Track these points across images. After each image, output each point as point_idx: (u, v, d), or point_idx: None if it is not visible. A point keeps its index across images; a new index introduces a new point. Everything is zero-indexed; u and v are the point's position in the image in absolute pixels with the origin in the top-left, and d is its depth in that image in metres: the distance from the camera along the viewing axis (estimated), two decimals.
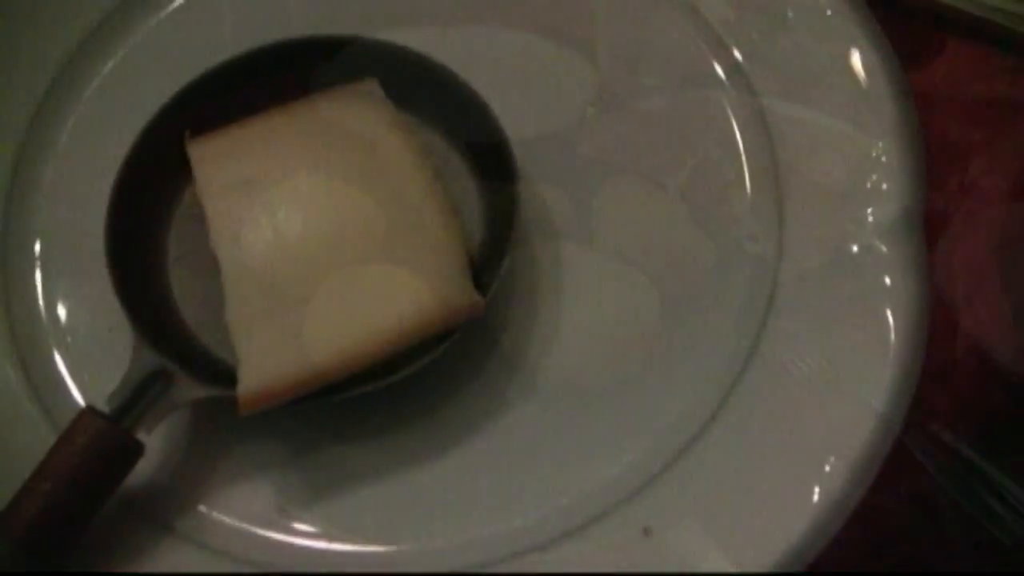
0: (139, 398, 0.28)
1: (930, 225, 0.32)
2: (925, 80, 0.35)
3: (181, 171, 0.31)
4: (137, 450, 0.28)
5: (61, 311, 0.32)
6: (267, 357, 0.28)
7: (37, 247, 0.33)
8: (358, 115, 0.31)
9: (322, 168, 0.30)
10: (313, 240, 0.29)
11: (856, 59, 0.33)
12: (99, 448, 0.27)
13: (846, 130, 0.33)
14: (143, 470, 0.29)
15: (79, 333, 0.32)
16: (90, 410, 0.27)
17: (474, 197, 0.32)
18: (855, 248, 0.31)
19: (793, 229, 0.32)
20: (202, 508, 0.30)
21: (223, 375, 0.29)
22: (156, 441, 0.29)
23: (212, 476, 0.30)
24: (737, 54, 0.34)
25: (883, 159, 0.32)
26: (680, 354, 0.31)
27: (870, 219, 0.31)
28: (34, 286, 0.32)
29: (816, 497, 0.28)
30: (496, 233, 0.30)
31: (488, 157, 0.31)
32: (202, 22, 0.36)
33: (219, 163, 0.30)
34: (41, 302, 0.32)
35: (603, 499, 0.29)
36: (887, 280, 0.30)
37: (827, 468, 0.28)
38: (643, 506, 0.29)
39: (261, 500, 0.30)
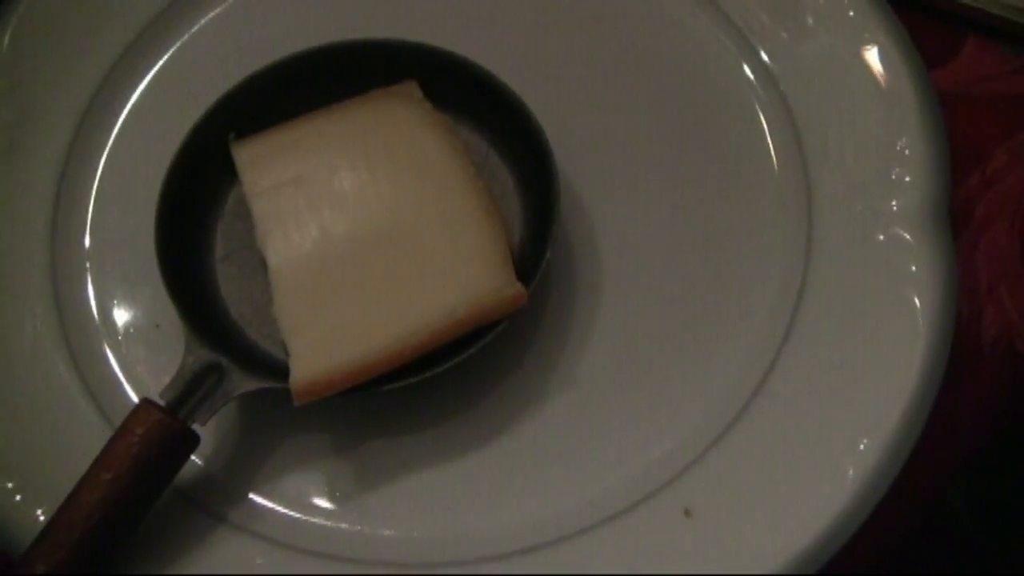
0: (193, 391, 0.28)
1: (954, 218, 0.33)
2: (946, 78, 0.36)
3: (226, 172, 0.32)
4: (193, 440, 0.29)
5: (111, 309, 0.33)
6: (319, 349, 0.28)
7: (87, 245, 0.34)
8: (398, 116, 0.32)
9: (365, 167, 0.31)
10: (359, 235, 0.30)
11: (878, 57, 0.34)
12: (157, 438, 0.28)
13: (871, 125, 0.33)
14: (194, 461, 0.30)
15: (129, 331, 0.33)
16: (147, 402, 0.28)
17: (513, 194, 0.32)
18: (882, 237, 0.32)
19: (822, 220, 0.33)
20: (253, 497, 0.31)
21: (273, 368, 0.30)
22: (208, 432, 0.30)
23: (263, 466, 0.31)
24: (764, 55, 0.35)
25: (907, 152, 0.33)
26: (715, 343, 0.32)
27: (895, 209, 0.32)
28: (84, 284, 0.33)
29: (851, 476, 0.29)
30: (536, 228, 0.31)
31: (527, 156, 0.32)
32: (248, 25, 0.37)
33: (264, 164, 0.31)
34: (92, 301, 0.33)
35: (644, 483, 0.30)
36: (913, 267, 0.31)
37: (861, 447, 0.29)
38: (683, 489, 0.30)
39: (312, 489, 0.31)
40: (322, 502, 0.31)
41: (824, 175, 0.33)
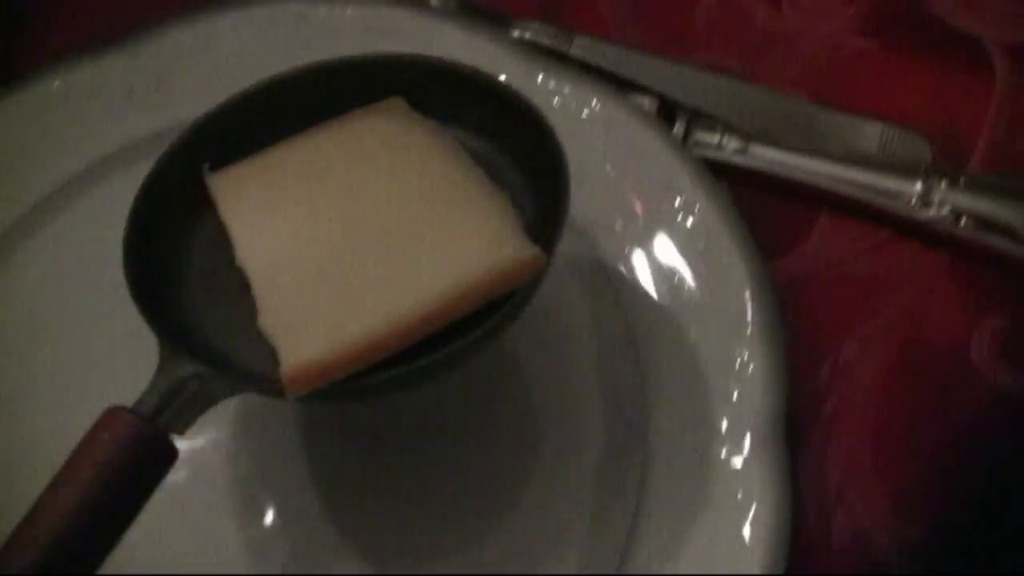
0: (170, 401, 0.26)
1: (801, 417, 0.33)
2: (795, 262, 0.36)
3: (200, 204, 0.30)
4: (171, 450, 0.25)
5: None
6: (310, 334, 0.26)
7: None
8: (383, 127, 0.30)
9: (349, 175, 0.29)
10: (350, 236, 0.28)
11: (720, 260, 0.34)
12: (129, 446, 0.24)
13: (709, 340, 0.33)
14: None
15: None
16: (115, 408, 0.25)
17: (520, 188, 0.30)
18: (717, 456, 0.32)
19: (659, 437, 0.33)
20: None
21: (260, 378, 0.27)
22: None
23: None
24: (602, 257, 0.36)
25: (747, 367, 0.33)
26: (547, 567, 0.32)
27: (731, 428, 0.32)
28: None
29: None
30: (547, 210, 0.29)
31: (530, 148, 0.30)
32: None
33: (240, 190, 0.29)
34: None
35: None
36: (743, 493, 0.31)
37: None
38: None
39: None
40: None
41: (661, 396, 0.33)
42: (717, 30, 0.41)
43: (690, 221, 0.35)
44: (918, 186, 0.36)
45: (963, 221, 0.36)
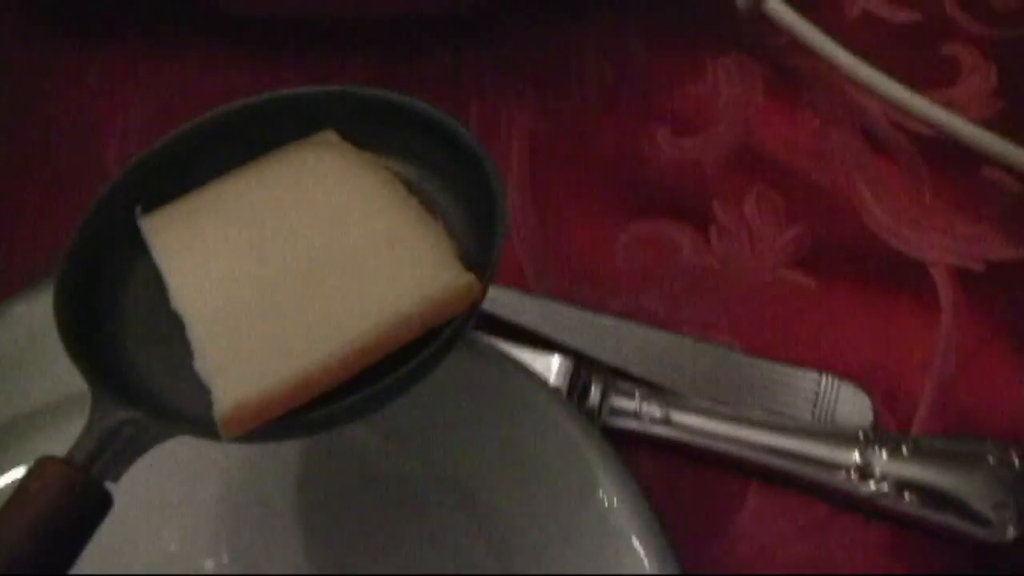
0: (104, 449, 0.25)
1: None
2: (727, 547, 0.33)
3: (135, 247, 0.29)
4: (106, 498, 0.25)
5: None
6: (244, 375, 0.25)
7: None
8: (316, 163, 0.30)
9: (282, 213, 0.29)
10: (284, 273, 0.27)
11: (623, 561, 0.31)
12: (66, 497, 0.24)
13: None
14: None
15: None
16: (47, 458, 0.24)
17: (454, 213, 0.29)
18: None
19: None
20: None
21: (196, 419, 0.26)
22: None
23: None
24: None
25: None
26: None
27: None
28: None
29: None
30: (481, 236, 0.28)
31: (465, 178, 0.29)
32: None
33: (173, 229, 0.29)
34: None
35: None
36: None
37: None
38: None
39: None
40: None
41: None
42: (639, 269, 0.38)
43: (595, 511, 0.32)
44: (857, 456, 0.33)
45: (907, 495, 0.33)
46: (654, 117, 0.41)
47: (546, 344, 0.36)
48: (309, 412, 0.25)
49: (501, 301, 0.36)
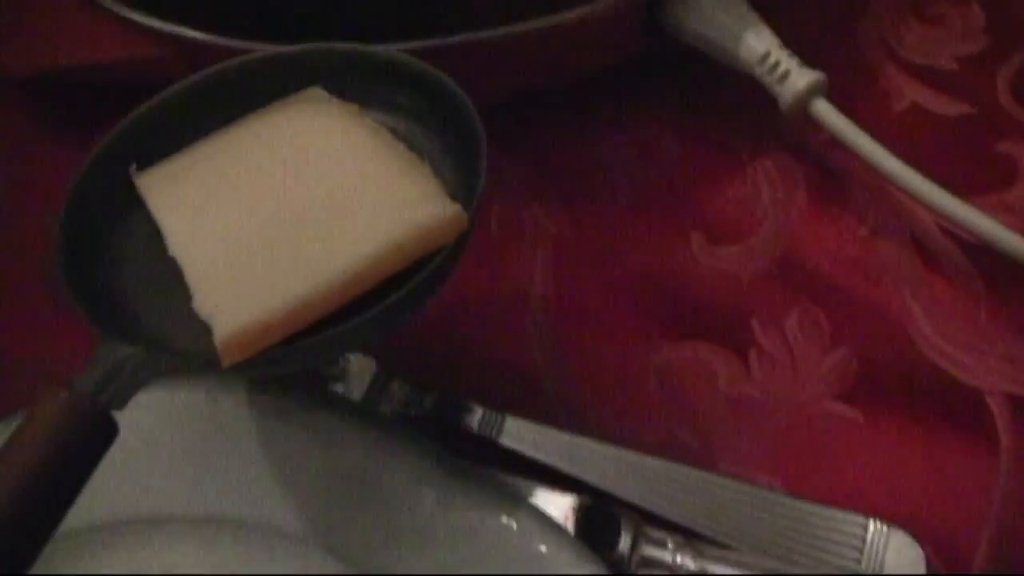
0: (109, 381, 0.26)
1: None
2: None
3: (132, 202, 0.30)
4: (112, 426, 0.25)
5: None
6: (242, 305, 0.26)
7: None
8: (304, 116, 0.31)
9: (273, 161, 0.30)
10: (278, 216, 0.28)
11: None
12: (74, 424, 0.24)
13: None
14: None
15: None
16: (54, 387, 0.25)
17: (440, 159, 0.30)
18: None
19: None
20: None
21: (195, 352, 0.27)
22: None
23: None
24: None
25: None
26: None
27: None
28: None
29: None
30: (466, 173, 0.29)
31: (449, 125, 0.30)
32: None
33: (168, 184, 0.30)
34: None
35: None
36: None
37: None
38: None
39: None
40: None
41: None
42: (673, 398, 0.35)
43: None
44: None
45: None
46: (689, 223, 0.39)
47: (569, 483, 0.33)
48: (304, 339, 0.26)
49: (518, 433, 0.34)
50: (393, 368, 0.34)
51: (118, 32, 0.37)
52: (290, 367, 0.29)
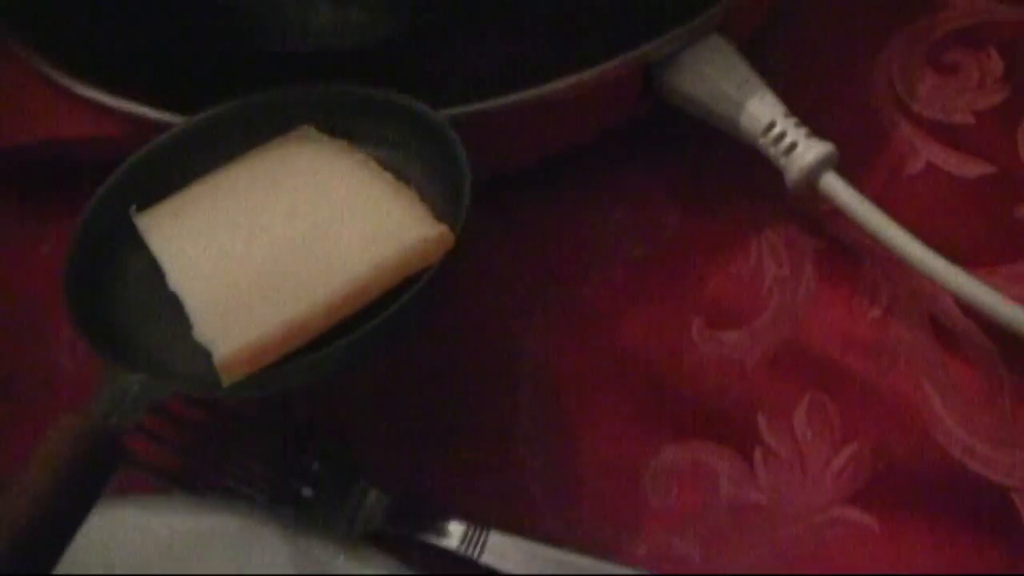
0: (116, 405, 0.27)
1: None
2: None
3: (133, 241, 0.32)
4: (121, 449, 0.27)
5: None
6: (240, 328, 0.28)
7: None
8: (296, 153, 0.33)
9: (266, 196, 0.32)
10: (270, 248, 0.30)
11: None
12: (84, 445, 0.26)
13: None
14: None
15: None
16: (66, 413, 0.26)
17: (426, 185, 0.32)
18: None
19: None
20: None
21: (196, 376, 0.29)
22: None
23: None
24: None
25: None
26: None
27: None
28: None
29: None
30: (449, 199, 0.31)
31: (432, 152, 0.32)
32: None
33: (167, 222, 0.32)
34: None
35: None
36: None
37: None
38: None
39: None
40: None
41: None
42: (671, 504, 0.32)
43: None
44: None
45: None
46: (688, 304, 0.36)
47: None
48: (300, 358, 0.28)
49: (501, 551, 0.31)
50: (370, 477, 0.32)
51: (76, 110, 0.35)
52: (288, 384, 0.30)
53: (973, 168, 0.39)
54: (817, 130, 0.35)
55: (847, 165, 0.35)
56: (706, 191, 0.38)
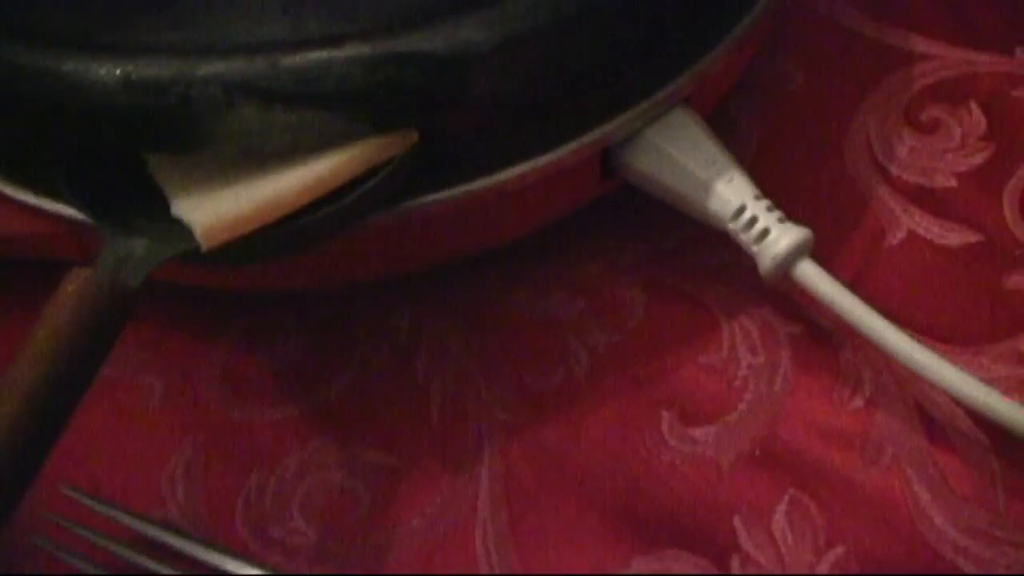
0: (123, 262, 0.28)
1: None
2: None
3: None
4: (134, 301, 0.27)
5: None
6: (221, 199, 0.29)
7: None
8: None
9: None
10: None
11: None
12: (97, 297, 0.26)
13: None
14: None
15: None
16: (79, 267, 0.27)
17: None
18: None
19: None
20: None
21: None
22: None
23: None
24: None
25: None
26: None
27: None
28: None
29: None
30: None
31: None
32: None
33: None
34: None
35: None
36: None
37: None
38: None
39: None
40: None
41: None
42: None
43: None
44: None
45: None
46: (657, 399, 0.34)
47: None
48: (278, 228, 0.29)
49: None
50: None
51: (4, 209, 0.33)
52: (264, 255, 0.31)
53: (957, 236, 0.37)
54: (791, 204, 0.33)
55: (824, 241, 0.33)
56: (673, 271, 0.36)
